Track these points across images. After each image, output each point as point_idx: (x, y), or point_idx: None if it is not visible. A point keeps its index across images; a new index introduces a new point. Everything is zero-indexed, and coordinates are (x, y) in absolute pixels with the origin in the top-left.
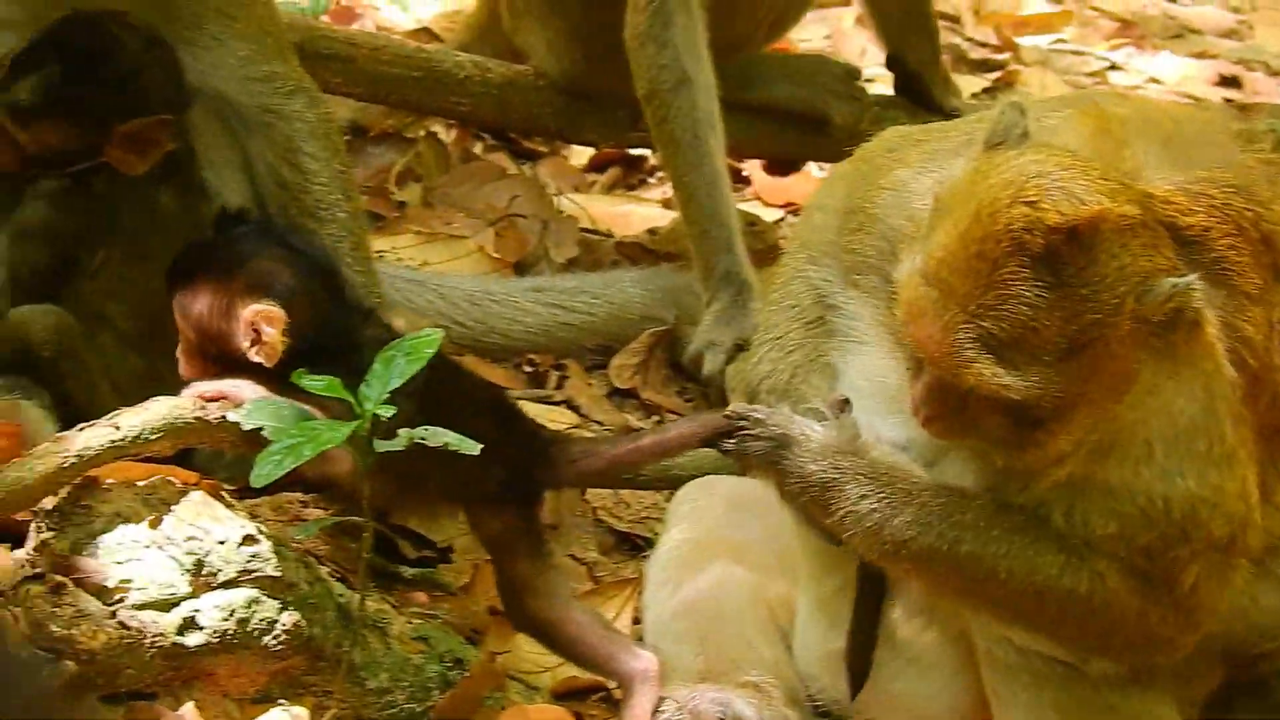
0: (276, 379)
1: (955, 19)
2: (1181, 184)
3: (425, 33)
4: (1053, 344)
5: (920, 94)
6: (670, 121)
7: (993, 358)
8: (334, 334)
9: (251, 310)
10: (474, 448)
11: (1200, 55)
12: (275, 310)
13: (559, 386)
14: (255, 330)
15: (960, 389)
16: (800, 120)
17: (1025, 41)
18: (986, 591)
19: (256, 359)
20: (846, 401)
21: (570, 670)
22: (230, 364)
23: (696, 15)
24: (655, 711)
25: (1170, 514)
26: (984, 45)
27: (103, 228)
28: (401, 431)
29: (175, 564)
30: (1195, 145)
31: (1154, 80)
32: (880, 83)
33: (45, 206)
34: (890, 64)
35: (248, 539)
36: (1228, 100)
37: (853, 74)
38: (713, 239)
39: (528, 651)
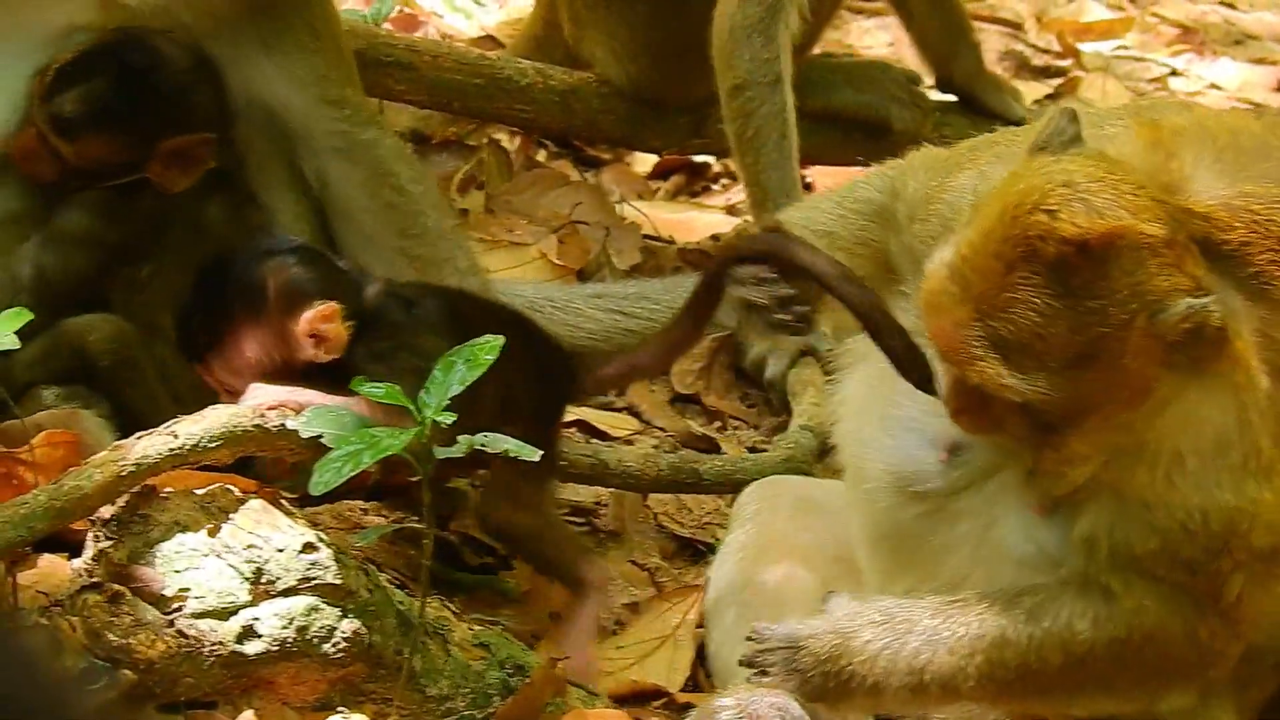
0: (338, 378)
1: (1018, 25)
2: (1224, 198)
3: (489, 40)
4: (1059, 352)
5: (976, 105)
6: (759, 117)
7: (999, 358)
8: (370, 300)
9: (305, 321)
10: (534, 454)
11: (1260, 61)
12: (325, 307)
13: (621, 393)
14: (315, 335)
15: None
16: (863, 126)
17: (1087, 48)
18: (1030, 684)
19: (329, 357)
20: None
21: (630, 674)
22: (297, 378)
23: (799, 15)
24: (714, 712)
25: (1209, 526)
26: (1046, 52)
27: (149, 241)
28: (461, 439)
29: (234, 572)
30: (1249, 156)
31: (1214, 86)
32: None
33: (85, 214)
34: (940, 85)
35: (307, 546)
36: None
37: (914, 79)
38: None
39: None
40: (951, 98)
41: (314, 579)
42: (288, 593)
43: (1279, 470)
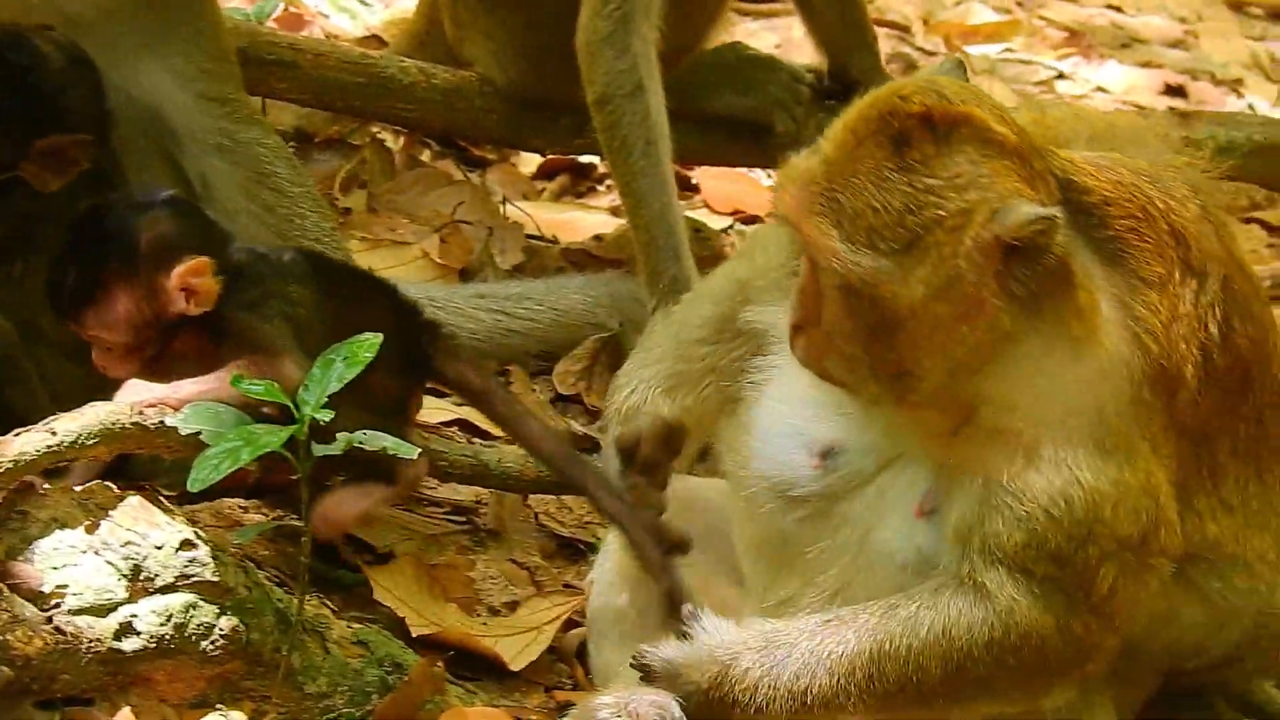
0: (208, 330)
1: (905, 28)
2: (1094, 159)
3: (374, 39)
4: (892, 231)
5: None
6: (623, 128)
7: (834, 223)
8: (238, 253)
9: (176, 275)
10: (412, 451)
11: (1146, 65)
12: (195, 261)
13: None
14: (186, 289)
15: (817, 277)
16: (748, 128)
17: (974, 50)
18: (912, 695)
19: (199, 310)
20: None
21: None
22: (166, 340)
23: (654, 23)
24: (594, 710)
25: (1073, 512)
26: (933, 54)
27: (22, 239)
28: (340, 436)
29: (112, 569)
30: (1123, 141)
31: (1101, 89)
32: None
33: None
34: (833, 77)
35: (185, 544)
36: (1172, 109)
37: (799, 78)
38: (660, 247)
39: (469, 657)
40: (833, 101)
41: (192, 576)
42: (166, 590)
43: (1140, 452)
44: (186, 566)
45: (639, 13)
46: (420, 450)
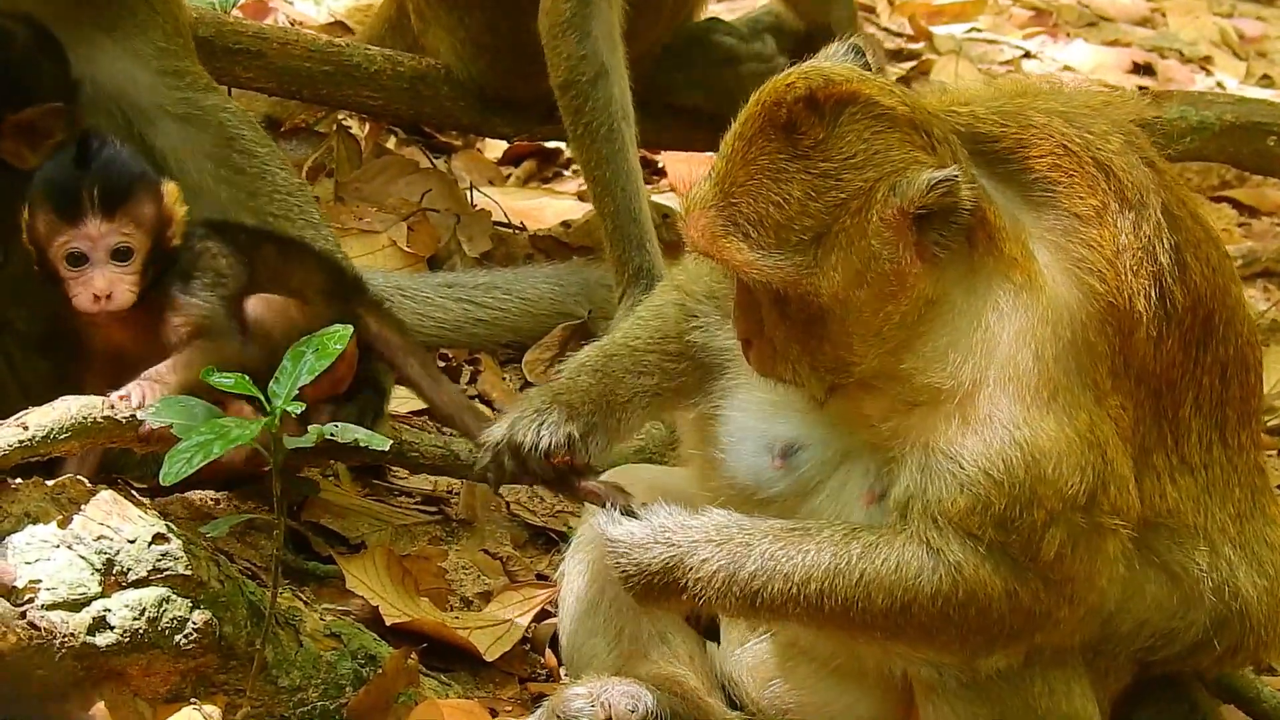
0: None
1: (870, 9)
2: (999, 108)
3: (339, 26)
4: (799, 223)
5: None
6: (586, 113)
7: (741, 236)
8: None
9: (169, 192)
10: (384, 443)
11: (1114, 43)
12: (172, 184)
13: (472, 381)
14: (170, 211)
15: (747, 290)
16: (711, 118)
17: (940, 30)
18: (856, 620)
19: (176, 240)
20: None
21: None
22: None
23: (616, 6)
24: (566, 700)
25: (1012, 472)
26: (899, 35)
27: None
28: (312, 428)
29: (85, 563)
30: (1031, 95)
31: (1068, 68)
32: None
33: None
34: (814, 34)
35: (158, 538)
36: (1141, 88)
37: (765, 59)
38: (627, 233)
39: (442, 648)
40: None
41: (165, 570)
42: (139, 584)
43: (1082, 403)
44: (159, 560)
45: None
46: (392, 442)
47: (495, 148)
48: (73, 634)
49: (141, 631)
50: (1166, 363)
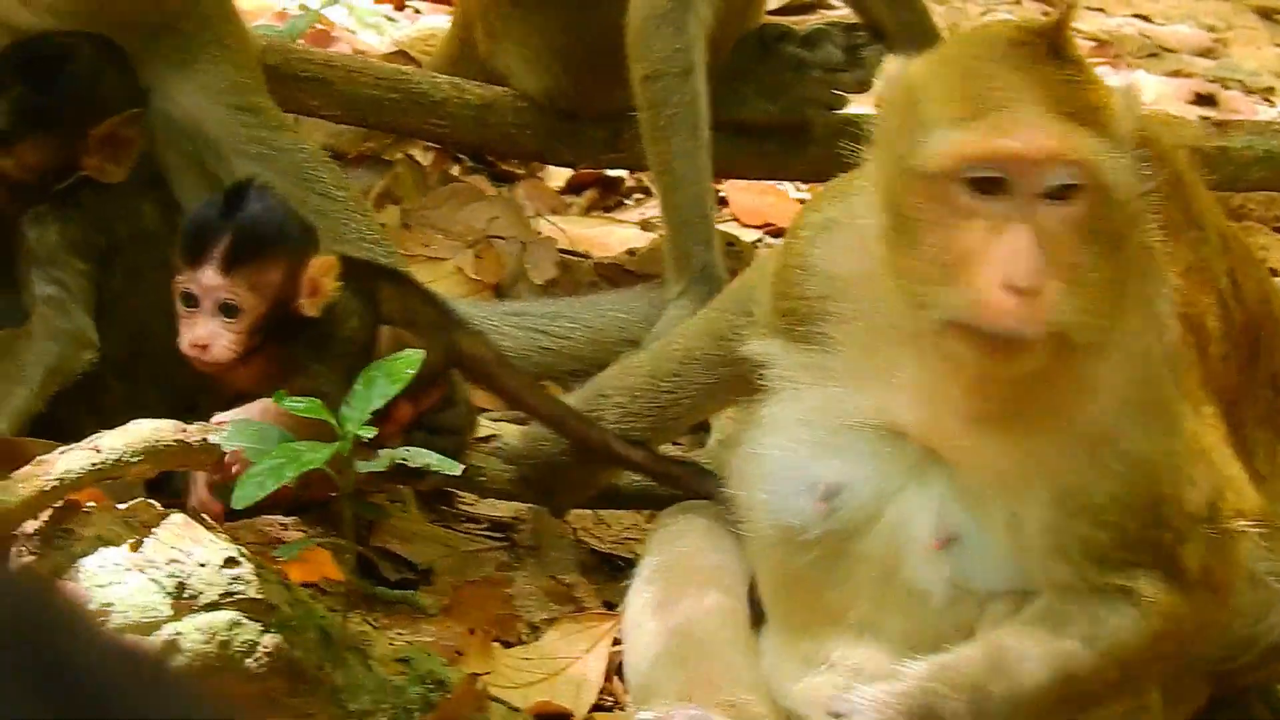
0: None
1: (939, 33)
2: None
3: (401, 55)
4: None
5: None
6: (670, 106)
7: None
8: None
9: (315, 265)
10: (455, 468)
11: (1175, 74)
12: (328, 257)
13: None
14: (314, 284)
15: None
16: (778, 137)
17: None
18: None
19: (311, 312)
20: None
21: (544, 691)
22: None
23: (708, 8)
24: None
25: (1138, 495)
26: None
27: (100, 245)
28: (383, 452)
29: (157, 587)
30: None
31: None
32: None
33: (57, 223)
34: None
35: (229, 561)
36: (1204, 118)
37: (833, 65)
38: (693, 231)
39: (508, 670)
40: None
41: (236, 594)
42: (210, 607)
43: (1186, 415)
44: (230, 584)
45: None
46: (463, 466)
47: (558, 176)
48: None
49: (212, 656)
50: (1231, 380)
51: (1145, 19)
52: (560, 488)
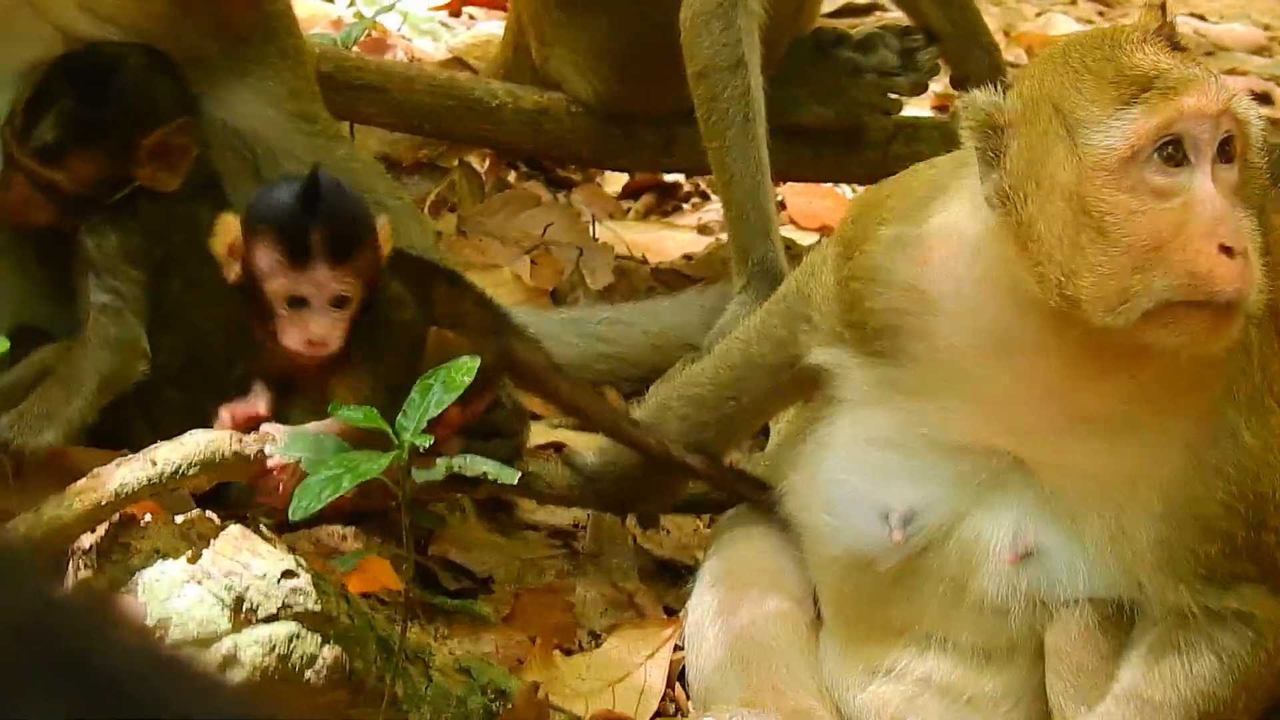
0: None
1: (992, 36)
2: None
3: (456, 62)
4: None
5: None
6: (723, 100)
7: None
8: None
9: (383, 231)
10: (513, 476)
11: (1231, 72)
12: (384, 221)
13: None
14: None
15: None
16: (834, 141)
17: None
18: None
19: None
20: None
21: (606, 699)
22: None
23: (759, 4)
24: None
25: (1244, 497)
26: (1016, 66)
27: (157, 254)
28: (440, 461)
29: (215, 599)
30: None
31: None
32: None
33: (114, 232)
34: (954, 84)
35: (287, 573)
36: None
37: (887, 70)
38: (752, 225)
39: (569, 678)
40: (927, 112)
41: (294, 605)
42: (268, 620)
43: (1273, 409)
44: (288, 596)
45: None
46: (520, 474)
47: (614, 182)
48: None
49: (272, 668)
50: None
51: (1201, 18)
52: (640, 500)
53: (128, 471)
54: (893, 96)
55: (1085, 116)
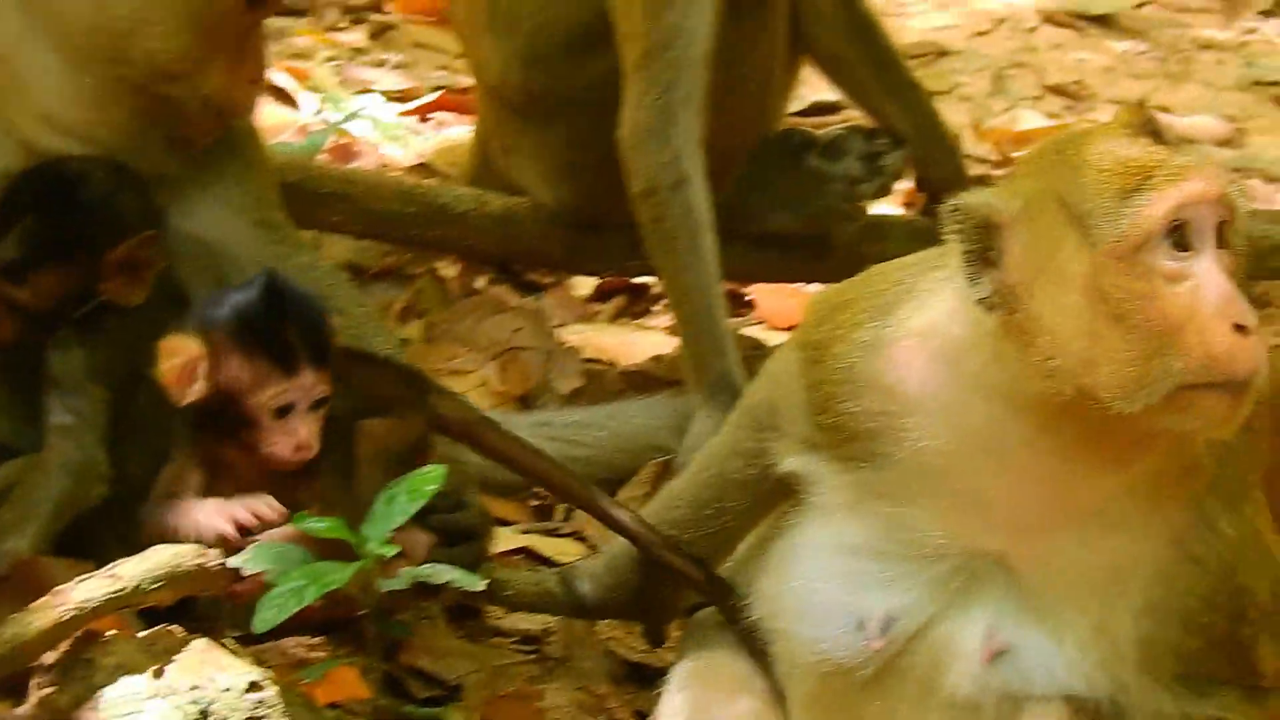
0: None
1: (955, 136)
2: None
3: (425, 168)
4: None
5: None
6: (668, 220)
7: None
8: None
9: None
10: (478, 583)
11: None
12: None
13: (566, 519)
14: None
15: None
16: (803, 244)
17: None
18: None
19: None
20: None
21: None
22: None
23: (697, 116)
24: None
25: (1220, 590)
26: (984, 161)
27: (123, 370)
28: (404, 570)
29: (179, 714)
30: None
31: None
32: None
33: (79, 349)
34: (919, 185)
35: (253, 686)
36: None
37: (854, 178)
38: (707, 342)
39: None
40: (894, 209)
41: (261, 718)
42: None
43: (1248, 498)
44: (254, 709)
45: (680, 104)
46: (486, 581)
47: (584, 285)
48: None
49: None
50: (1265, 452)
51: (1166, 110)
52: (648, 607)
53: (89, 587)
54: (858, 204)
55: (1094, 207)
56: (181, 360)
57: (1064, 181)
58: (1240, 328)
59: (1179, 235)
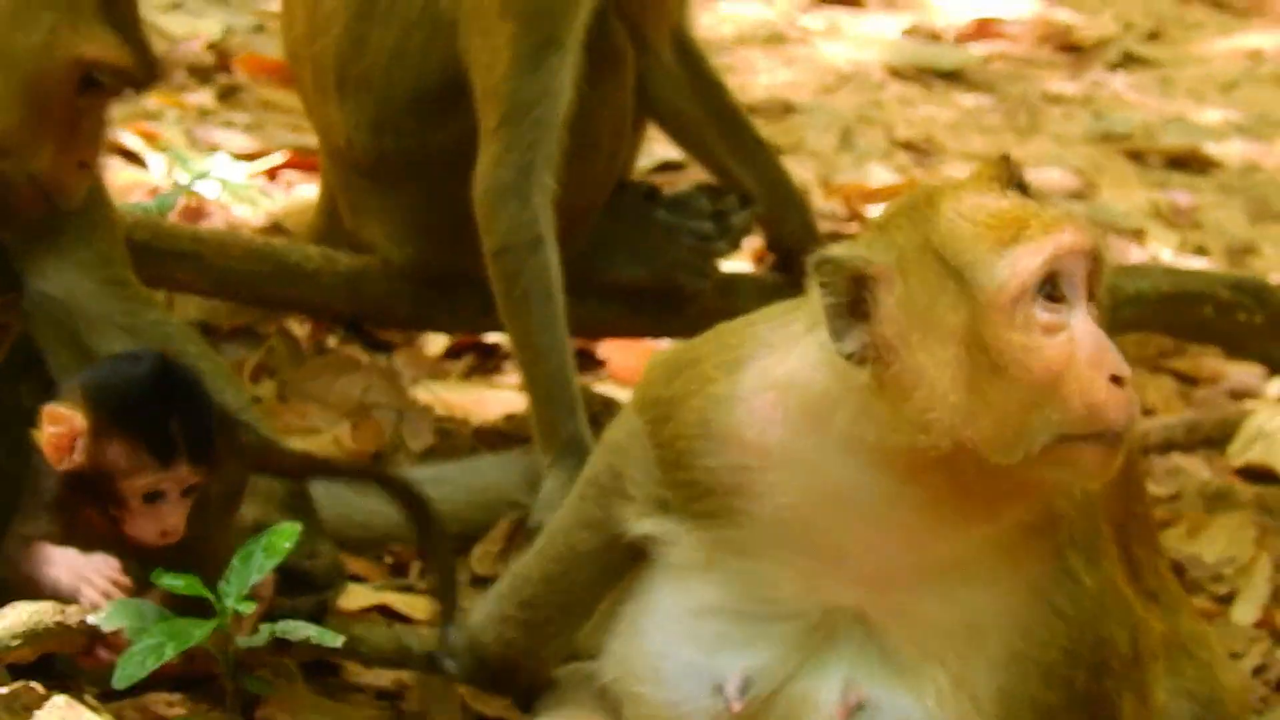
0: None
1: (803, 193)
2: None
3: (275, 228)
4: None
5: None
6: (522, 278)
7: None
8: None
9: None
10: (335, 639)
11: None
12: None
13: (422, 576)
14: None
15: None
16: (652, 297)
17: (874, 213)
18: None
19: None
20: None
21: None
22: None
23: (553, 176)
24: None
25: (1084, 642)
26: (832, 218)
27: None
28: (263, 627)
29: None
30: None
31: None
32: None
33: None
34: (770, 243)
35: None
36: None
37: (703, 234)
38: (558, 403)
39: None
40: (744, 266)
41: None
42: None
43: (1104, 552)
44: None
45: (540, 164)
46: (343, 638)
47: (435, 343)
48: None
49: None
50: (1117, 504)
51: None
52: (521, 674)
53: None
54: (707, 261)
55: (972, 259)
56: (64, 430)
57: (939, 234)
58: (1116, 379)
59: (1052, 287)
